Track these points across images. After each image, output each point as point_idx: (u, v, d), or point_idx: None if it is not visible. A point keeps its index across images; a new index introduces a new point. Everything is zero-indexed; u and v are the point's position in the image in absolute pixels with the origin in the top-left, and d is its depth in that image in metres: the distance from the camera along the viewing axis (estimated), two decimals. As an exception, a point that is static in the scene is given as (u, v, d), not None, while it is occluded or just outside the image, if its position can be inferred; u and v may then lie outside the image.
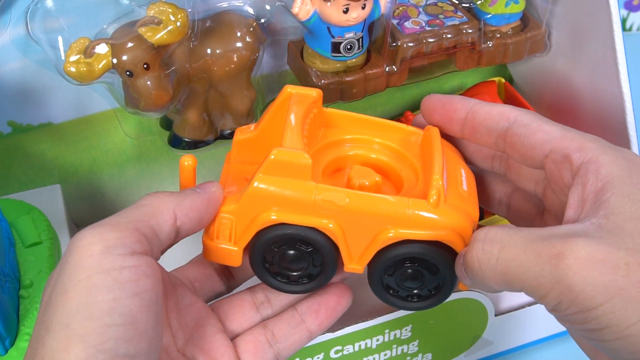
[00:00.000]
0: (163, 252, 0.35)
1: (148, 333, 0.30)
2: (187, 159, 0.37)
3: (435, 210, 0.34)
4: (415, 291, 0.37)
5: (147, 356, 0.30)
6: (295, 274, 0.37)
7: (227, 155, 0.40)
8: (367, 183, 0.36)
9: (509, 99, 0.60)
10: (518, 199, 0.41)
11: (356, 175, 0.37)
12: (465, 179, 0.37)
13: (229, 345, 0.37)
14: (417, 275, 0.36)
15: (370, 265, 0.36)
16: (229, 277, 0.41)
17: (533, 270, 0.29)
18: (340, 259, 0.36)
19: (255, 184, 0.34)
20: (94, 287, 0.29)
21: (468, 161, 0.40)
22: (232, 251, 0.36)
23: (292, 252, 0.36)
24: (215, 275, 0.40)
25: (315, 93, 0.39)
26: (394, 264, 0.36)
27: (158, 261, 0.34)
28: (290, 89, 0.39)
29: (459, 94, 0.60)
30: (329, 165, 0.39)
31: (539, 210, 0.39)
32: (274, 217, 0.34)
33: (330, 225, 0.34)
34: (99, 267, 0.30)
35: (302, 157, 0.34)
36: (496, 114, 0.36)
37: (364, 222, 0.34)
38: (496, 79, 0.60)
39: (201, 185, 0.36)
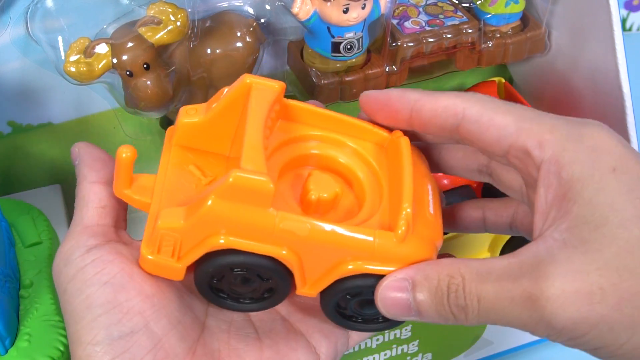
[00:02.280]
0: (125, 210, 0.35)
1: (136, 308, 0.31)
2: (126, 150, 0.32)
3: (401, 245, 0.31)
4: (372, 316, 0.34)
5: (149, 327, 0.31)
6: (244, 294, 0.34)
7: (167, 134, 0.36)
8: (325, 196, 0.33)
9: (509, 99, 0.60)
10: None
11: (315, 185, 0.33)
12: (432, 198, 0.35)
13: None
14: (374, 302, 0.33)
15: (325, 290, 0.33)
16: None
17: (512, 316, 0.29)
18: (293, 281, 0.33)
19: (209, 204, 0.30)
20: (70, 297, 0.32)
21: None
22: (175, 267, 0.32)
23: (241, 274, 0.32)
24: None
25: (277, 85, 0.34)
26: (350, 294, 0.33)
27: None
28: (249, 80, 0.34)
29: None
30: (287, 165, 0.35)
31: None
32: (222, 241, 0.31)
33: (284, 252, 0.31)
34: (67, 277, 0.32)
35: (264, 184, 0.30)
36: (441, 110, 0.33)
37: (323, 252, 0.32)
38: (496, 79, 0.60)
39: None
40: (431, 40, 0.50)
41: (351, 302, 0.34)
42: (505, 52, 0.53)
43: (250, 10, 0.46)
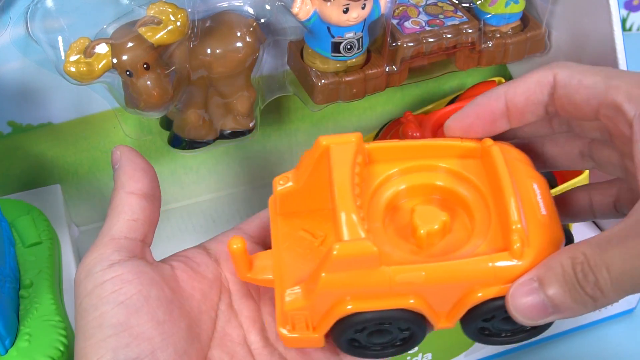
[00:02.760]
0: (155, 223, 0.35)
1: (146, 334, 0.31)
2: (236, 242, 0.34)
3: (520, 261, 0.31)
4: (518, 328, 0.34)
5: (155, 354, 0.31)
6: (385, 343, 0.34)
7: (270, 206, 0.37)
8: (435, 227, 0.33)
9: (509, 99, 0.60)
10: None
11: (421, 220, 0.33)
12: (541, 198, 0.34)
13: None
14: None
15: (462, 319, 0.33)
16: None
17: None
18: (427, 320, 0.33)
19: (321, 281, 0.31)
20: (84, 311, 0.32)
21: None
22: (313, 337, 0.33)
23: (377, 330, 0.33)
24: None
25: (354, 138, 0.35)
26: (485, 319, 0.33)
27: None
28: (325, 142, 0.35)
29: (459, 94, 0.60)
30: (387, 208, 0.36)
31: None
32: (349, 307, 0.32)
33: (411, 301, 0.32)
34: (85, 291, 0.32)
35: (367, 247, 0.30)
36: (535, 85, 0.34)
37: (447, 289, 0.32)
38: (496, 79, 0.60)
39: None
40: (431, 40, 0.50)
41: (493, 323, 0.33)
42: (505, 52, 0.53)
43: (250, 10, 0.46)
